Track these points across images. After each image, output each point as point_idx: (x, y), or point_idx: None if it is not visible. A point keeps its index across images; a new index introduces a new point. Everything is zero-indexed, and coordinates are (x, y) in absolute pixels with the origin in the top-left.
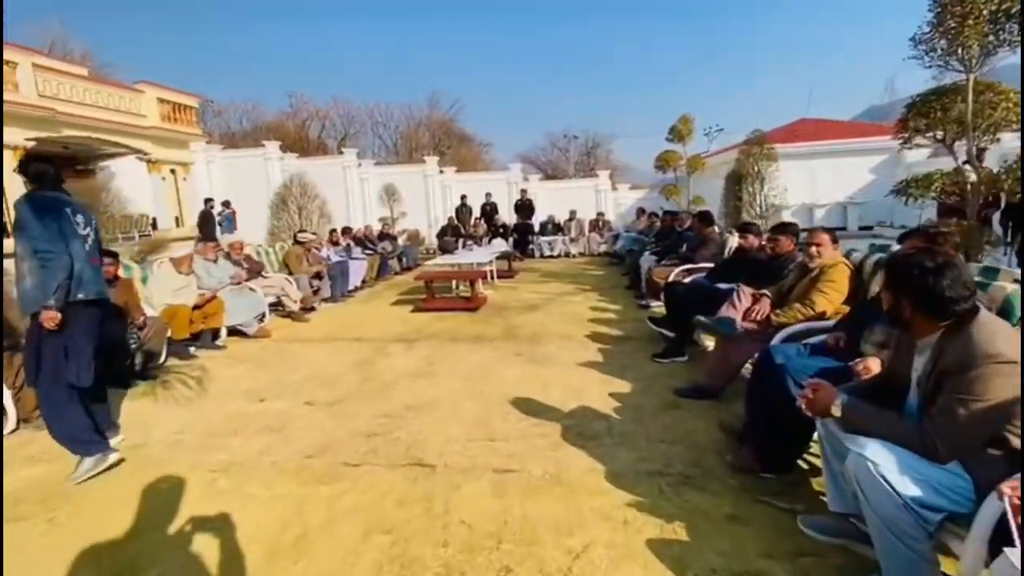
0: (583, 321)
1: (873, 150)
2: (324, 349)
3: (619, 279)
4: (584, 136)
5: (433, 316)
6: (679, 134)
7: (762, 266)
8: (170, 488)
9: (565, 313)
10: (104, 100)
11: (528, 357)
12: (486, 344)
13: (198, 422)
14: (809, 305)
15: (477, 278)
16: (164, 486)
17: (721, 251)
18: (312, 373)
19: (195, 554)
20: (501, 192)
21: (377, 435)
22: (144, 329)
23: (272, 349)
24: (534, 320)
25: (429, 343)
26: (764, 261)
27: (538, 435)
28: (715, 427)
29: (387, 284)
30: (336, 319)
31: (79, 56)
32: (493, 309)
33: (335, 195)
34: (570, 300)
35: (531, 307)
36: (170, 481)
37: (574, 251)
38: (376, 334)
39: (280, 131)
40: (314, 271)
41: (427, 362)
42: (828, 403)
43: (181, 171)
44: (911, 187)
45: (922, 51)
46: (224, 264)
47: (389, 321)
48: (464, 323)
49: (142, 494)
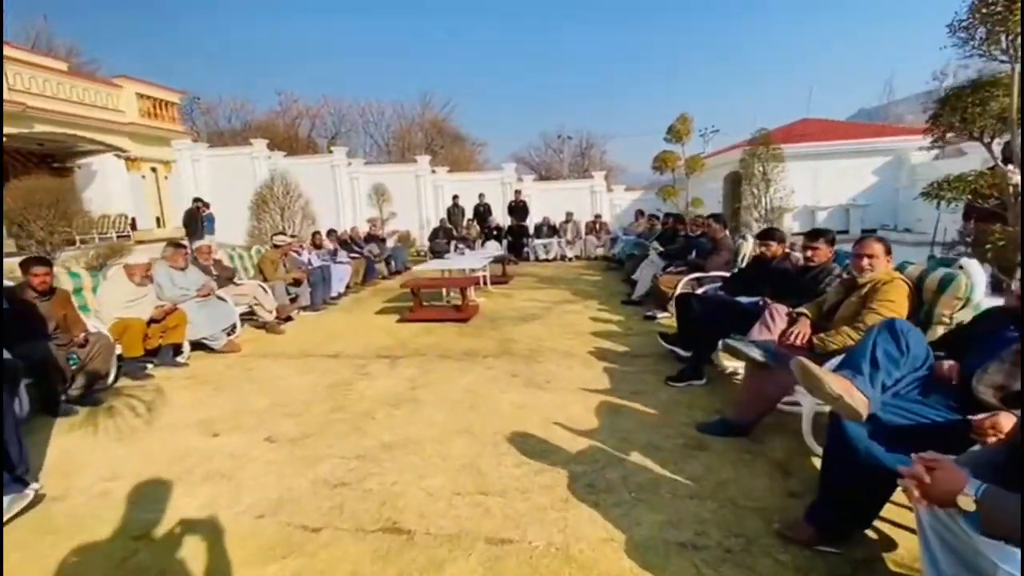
0: (584, 334)
1: (876, 151)
2: (296, 367)
3: (619, 285)
4: (578, 136)
5: (420, 327)
6: (677, 134)
7: (789, 278)
8: (77, 565)
9: (564, 324)
10: (80, 95)
11: (526, 379)
12: (478, 362)
13: (137, 463)
14: (863, 328)
15: (469, 286)
16: (72, 562)
17: (734, 258)
18: (279, 399)
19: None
20: (495, 192)
21: (345, 485)
22: (86, 347)
23: (239, 367)
24: (531, 332)
25: (414, 360)
26: (792, 272)
27: (540, 487)
28: (753, 478)
29: (374, 289)
30: (314, 330)
31: (64, 52)
32: (486, 319)
33: (324, 195)
34: (569, 309)
35: (527, 317)
36: (80, 555)
37: (570, 254)
38: (356, 349)
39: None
40: (291, 278)
41: (411, 385)
42: (954, 490)
43: (162, 169)
44: (944, 189)
45: (960, 39)
46: (193, 272)
47: (372, 333)
48: (454, 336)
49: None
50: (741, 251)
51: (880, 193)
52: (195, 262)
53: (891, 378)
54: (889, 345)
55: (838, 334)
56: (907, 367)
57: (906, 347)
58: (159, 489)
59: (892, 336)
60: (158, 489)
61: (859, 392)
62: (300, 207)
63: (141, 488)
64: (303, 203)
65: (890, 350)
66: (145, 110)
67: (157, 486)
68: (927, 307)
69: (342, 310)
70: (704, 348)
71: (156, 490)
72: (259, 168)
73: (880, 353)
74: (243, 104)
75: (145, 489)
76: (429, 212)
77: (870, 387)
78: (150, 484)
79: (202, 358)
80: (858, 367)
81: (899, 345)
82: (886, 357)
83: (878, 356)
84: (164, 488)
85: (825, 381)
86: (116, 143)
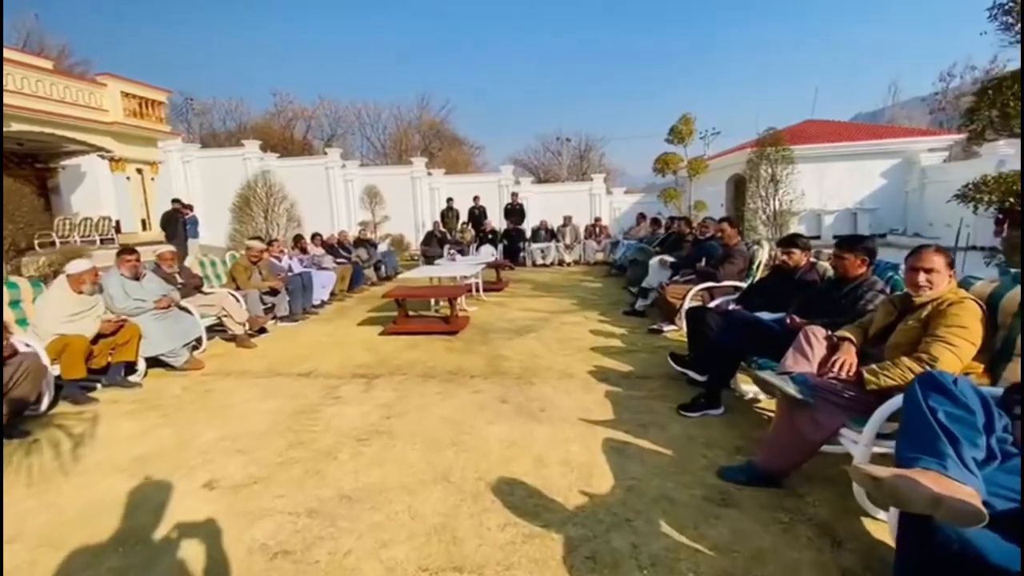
0: (584, 350)
1: (884, 153)
2: (261, 390)
3: (621, 293)
4: (577, 139)
5: (405, 341)
6: (679, 135)
7: (819, 293)
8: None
9: (562, 339)
10: (61, 93)
11: (517, 406)
12: (465, 383)
13: (41, 520)
14: (928, 360)
15: (458, 296)
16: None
17: (749, 267)
18: (232, 430)
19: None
20: (492, 195)
21: (287, 554)
22: (9, 369)
23: (197, 389)
24: (525, 348)
25: (394, 381)
26: (822, 286)
27: (529, 560)
28: (794, 549)
29: (360, 297)
30: (289, 344)
31: (56, 52)
32: (477, 331)
33: (318, 197)
34: (567, 320)
35: (522, 329)
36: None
37: (569, 259)
38: (331, 366)
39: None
40: (267, 286)
41: (385, 412)
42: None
43: (149, 170)
44: (981, 191)
45: (1004, 23)
46: (151, 281)
47: (351, 348)
48: (441, 351)
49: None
50: (756, 259)
51: (888, 196)
52: (157, 270)
53: (980, 448)
54: (949, 406)
55: (895, 366)
56: (983, 428)
57: (968, 402)
58: (55, 557)
59: (943, 394)
60: (54, 557)
61: (960, 484)
62: (285, 209)
63: (35, 557)
64: (288, 205)
65: (956, 412)
66: (131, 109)
67: (56, 550)
68: (1004, 333)
69: (323, 320)
70: (722, 372)
71: (52, 558)
72: (251, 169)
73: (946, 419)
74: (238, 105)
75: (41, 560)
76: (425, 215)
77: (966, 471)
78: (51, 548)
79: (159, 377)
80: (934, 449)
81: (959, 402)
82: (958, 424)
83: (948, 425)
84: (61, 558)
85: (912, 487)
86: (99, 143)
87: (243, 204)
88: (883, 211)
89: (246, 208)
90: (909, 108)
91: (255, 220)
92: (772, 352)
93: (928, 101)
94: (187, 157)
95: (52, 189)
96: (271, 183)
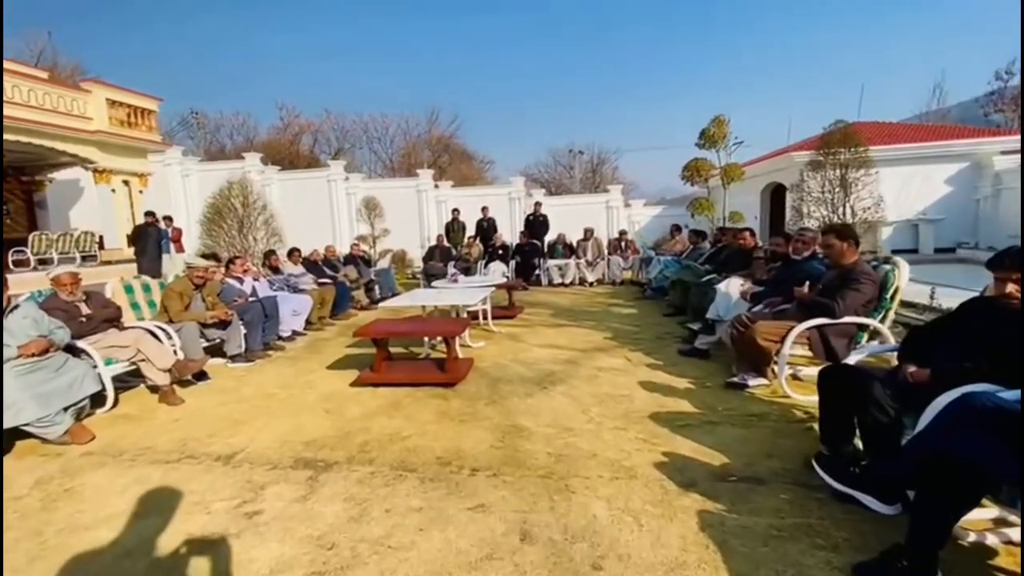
0: (639, 419)
1: (948, 156)
2: (145, 489)
3: (665, 323)
4: (589, 151)
5: (383, 397)
6: (711, 139)
7: None
8: None
9: (602, 395)
10: (40, 99)
11: (548, 549)
12: (461, 488)
13: None
14: None
15: (457, 334)
16: None
17: (880, 295)
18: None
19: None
20: (502, 207)
21: None
22: None
23: (54, 484)
24: (552, 412)
25: (351, 480)
26: None
27: None
28: None
29: (344, 325)
30: (226, 399)
31: (69, 70)
32: (483, 381)
33: (320, 211)
34: (604, 364)
35: (544, 378)
36: None
37: (591, 278)
38: (268, 441)
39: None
40: (211, 317)
41: (321, 560)
42: None
43: (137, 183)
44: None
45: None
46: (24, 317)
47: (306, 408)
48: (431, 416)
49: None
50: (890, 283)
51: (955, 205)
52: (52, 299)
53: None
54: None
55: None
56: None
57: None
58: None
59: None
60: None
61: None
62: (264, 220)
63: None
64: (267, 216)
65: None
66: (119, 118)
67: None
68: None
69: (287, 360)
70: (940, 516)
71: None
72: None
73: None
74: (245, 121)
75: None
76: (431, 230)
77: None
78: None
79: (18, 458)
80: None
81: None
82: None
83: None
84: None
85: None
86: (81, 153)
87: (214, 215)
88: (949, 222)
89: (218, 219)
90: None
91: (228, 233)
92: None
93: (981, 102)
94: (186, 170)
95: (38, 203)
96: (248, 191)
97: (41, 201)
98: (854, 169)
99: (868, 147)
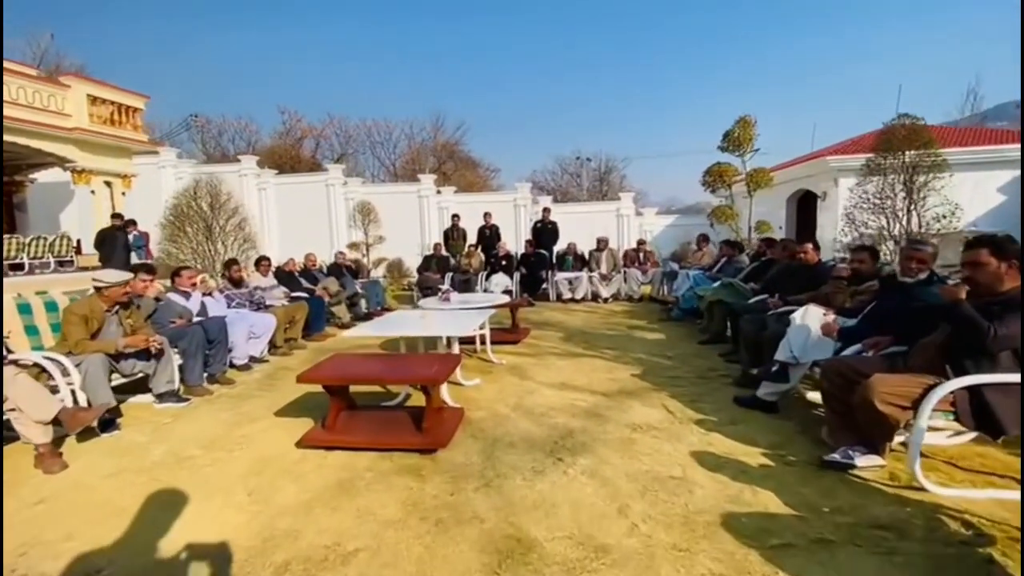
0: (711, 529)
1: (1003, 161)
2: None
3: (703, 352)
4: (597, 159)
5: (333, 469)
6: (736, 142)
7: None
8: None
9: (646, 478)
10: (13, 93)
11: None
12: None
13: None
14: None
15: (440, 381)
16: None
17: None
18: None
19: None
20: (507, 215)
21: None
22: None
23: None
24: (572, 511)
25: None
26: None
27: None
28: None
29: (317, 348)
30: (123, 465)
31: (74, 71)
32: (474, 447)
33: (318, 216)
34: (639, 418)
35: (559, 444)
36: None
37: (606, 294)
38: (145, 552)
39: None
40: (123, 346)
41: None
42: None
43: (120, 184)
44: None
45: None
46: None
47: (226, 484)
48: (393, 513)
49: None
50: None
51: (1009, 216)
52: None
53: None
54: None
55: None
56: None
57: None
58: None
59: None
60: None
61: None
62: (235, 225)
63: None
64: (239, 220)
65: None
66: (100, 116)
67: None
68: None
69: (230, 398)
70: None
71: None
72: (247, 186)
73: None
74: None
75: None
76: (433, 237)
77: None
78: None
79: None
80: None
81: None
82: None
83: None
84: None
85: None
86: (58, 151)
87: (176, 218)
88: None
89: (180, 223)
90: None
91: (194, 239)
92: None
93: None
94: (180, 174)
95: (17, 205)
96: (217, 191)
97: (20, 203)
98: (923, 172)
99: (939, 147)
